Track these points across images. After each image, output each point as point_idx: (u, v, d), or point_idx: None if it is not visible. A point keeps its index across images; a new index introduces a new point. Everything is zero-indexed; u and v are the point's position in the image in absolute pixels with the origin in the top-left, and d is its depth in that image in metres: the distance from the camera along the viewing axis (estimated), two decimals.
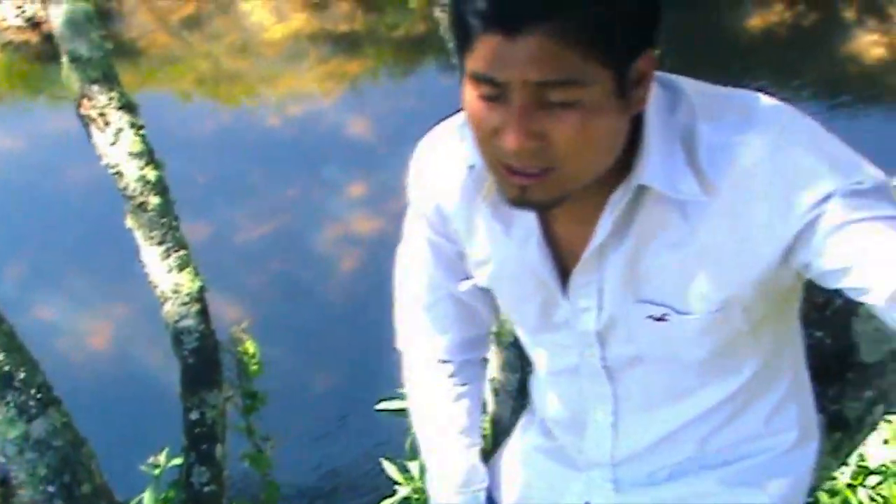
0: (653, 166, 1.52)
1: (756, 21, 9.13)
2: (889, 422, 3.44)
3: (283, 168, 7.77)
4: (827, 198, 1.45)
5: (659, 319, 1.65)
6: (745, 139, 1.50)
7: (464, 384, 2.06)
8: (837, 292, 1.49)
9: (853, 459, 3.39)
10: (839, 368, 2.17)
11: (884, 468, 3.41)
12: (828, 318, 2.14)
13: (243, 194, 7.65)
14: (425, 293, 1.96)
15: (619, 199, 1.56)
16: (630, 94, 1.44)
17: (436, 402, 2.07)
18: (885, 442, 3.45)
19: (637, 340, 1.72)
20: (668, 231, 1.58)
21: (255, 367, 3.74)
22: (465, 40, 1.41)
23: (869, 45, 8.78)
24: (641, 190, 1.55)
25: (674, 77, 1.57)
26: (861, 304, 1.45)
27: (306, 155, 7.82)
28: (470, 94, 1.44)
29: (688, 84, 1.57)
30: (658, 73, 1.52)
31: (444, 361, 2.03)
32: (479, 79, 1.42)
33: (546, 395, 1.99)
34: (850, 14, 9.08)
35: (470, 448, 2.08)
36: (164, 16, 9.65)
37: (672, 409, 1.82)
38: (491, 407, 2.55)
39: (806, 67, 8.75)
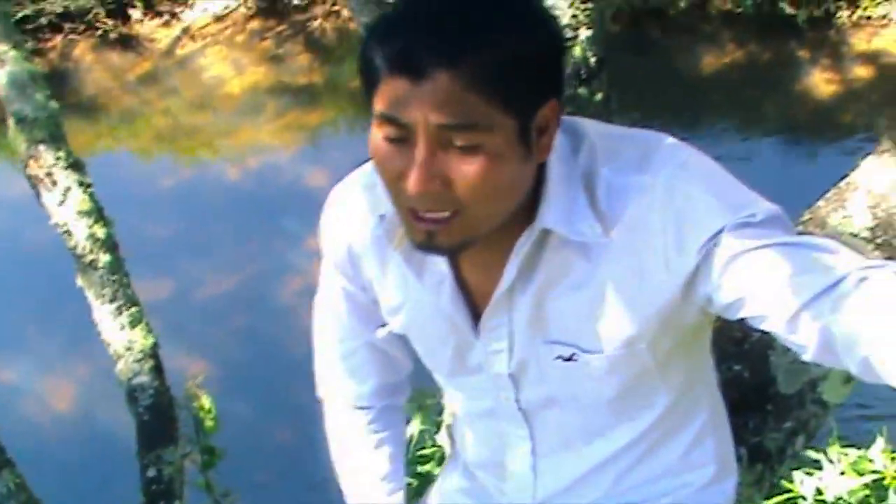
0: (555, 211, 1.54)
1: (709, 62, 9.21)
2: (845, 454, 3.45)
3: (243, 221, 7.77)
4: (719, 232, 1.48)
5: (568, 359, 1.67)
6: (642, 180, 1.53)
7: (384, 430, 2.06)
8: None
9: (811, 492, 3.40)
10: (758, 401, 2.20)
11: (841, 500, 3.42)
12: (745, 352, 2.17)
13: (204, 249, 7.63)
14: (342, 342, 1.97)
15: (523, 244, 1.58)
16: (534, 141, 1.46)
17: (357, 451, 2.08)
18: (842, 473, 3.46)
19: (548, 381, 1.73)
20: (572, 272, 1.60)
21: (210, 423, 3.72)
22: (371, 82, 1.43)
23: (822, 82, 8.87)
24: (545, 234, 1.57)
25: (575, 120, 1.59)
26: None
27: (266, 207, 7.83)
28: (376, 136, 1.46)
29: (590, 126, 1.60)
30: (562, 118, 1.54)
31: (364, 408, 2.04)
32: (384, 120, 1.43)
33: (466, 438, 2.00)
34: (802, 52, 9.18)
35: (392, 494, 2.08)
36: (122, 73, 9.66)
37: (589, 447, 1.84)
38: None
39: (761, 106, 8.83)
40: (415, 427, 3.80)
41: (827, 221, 2.43)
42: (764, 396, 2.23)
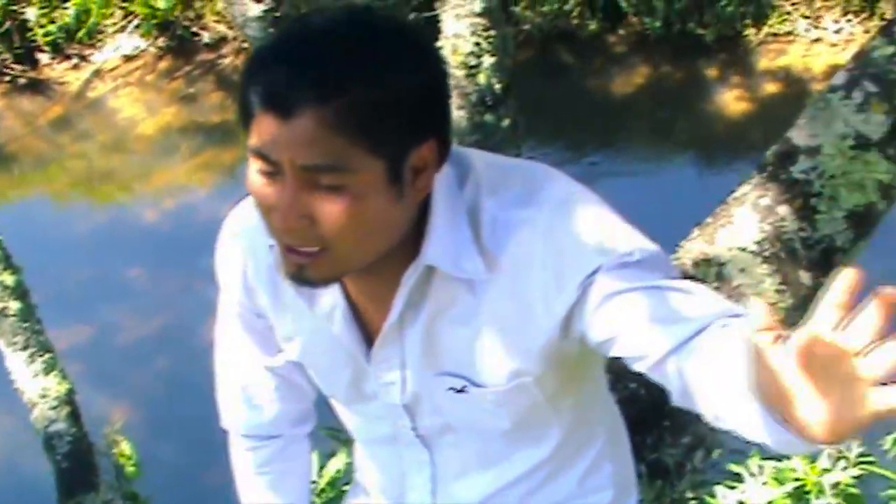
0: (438, 247, 1.56)
1: (621, 84, 9.29)
2: (766, 466, 3.49)
3: (162, 262, 7.70)
4: (596, 271, 1.50)
5: (459, 391, 1.69)
6: (524, 215, 1.55)
7: (289, 460, 2.08)
8: None
9: None
10: (655, 418, 2.24)
11: None
12: None
13: (123, 292, 7.55)
14: (243, 371, 1.98)
15: (409, 277, 1.59)
16: (407, 182, 1.47)
17: (260, 482, 2.08)
18: (765, 484, 3.50)
19: (442, 412, 1.75)
20: (458, 307, 1.62)
21: (132, 469, 3.70)
22: (246, 116, 1.45)
23: (732, 99, 8.97)
24: (432, 268, 1.58)
25: (464, 151, 1.61)
26: None
27: (185, 247, 7.74)
28: (251, 169, 1.48)
29: (477, 158, 1.61)
30: (452, 148, 1.56)
31: (268, 438, 2.04)
32: (255, 155, 1.44)
33: (367, 463, 2.01)
34: (712, 71, 9.28)
35: None
36: (33, 119, 9.56)
37: (487, 474, 1.86)
38: None
39: (675, 125, 8.91)
40: (340, 462, 3.79)
41: (715, 237, 2.48)
42: (661, 413, 2.26)
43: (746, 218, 2.50)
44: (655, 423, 2.31)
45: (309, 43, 1.43)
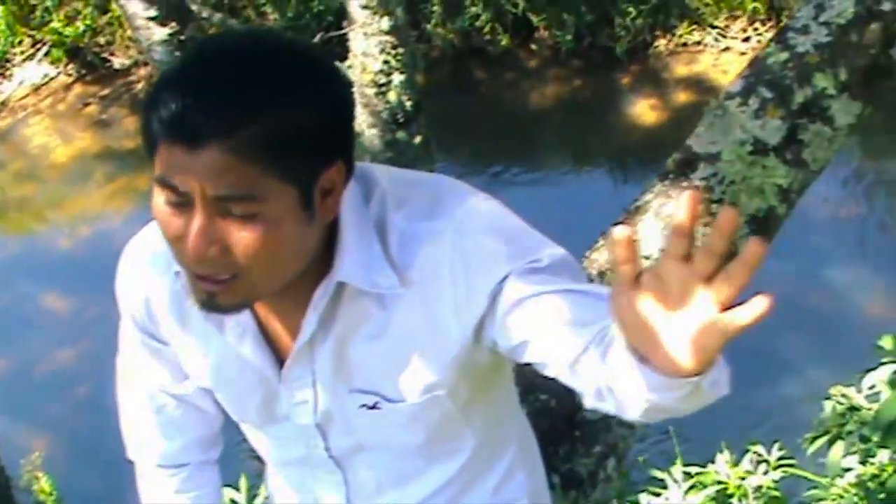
0: (349, 263, 1.56)
1: (536, 98, 9.35)
2: (688, 475, 3.51)
3: (79, 290, 7.62)
4: (505, 278, 1.51)
5: (372, 408, 1.69)
6: (430, 227, 1.56)
7: (198, 489, 2.05)
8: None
9: None
10: (567, 428, 2.26)
11: None
12: (551, 381, 2.22)
13: (41, 321, 7.48)
14: (148, 399, 1.95)
15: (320, 297, 1.59)
16: (317, 205, 1.47)
17: None
18: (691, 488, 3.52)
19: (355, 430, 1.75)
20: (369, 322, 1.62)
21: None
22: (150, 144, 1.43)
23: (646, 109, 9.07)
24: (342, 284, 1.58)
25: (368, 166, 1.61)
26: None
27: (101, 275, 7.66)
28: (157, 199, 1.46)
29: (381, 173, 1.62)
30: (355, 164, 1.56)
31: (178, 466, 2.02)
32: (162, 185, 1.43)
33: (281, 486, 2.00)
34: (625, 82, 9.37)
35: None
36: None
37: (403, 491, 1.86)
38: None
39: (591, 138, 8.98)
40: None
41: None
42: (572, 424, 2.28)
43: (649, 226, 2.53)
44: (567, 434, 2.33)
45: (214, 70, 1.42)
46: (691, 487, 3.42)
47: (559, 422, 2.24)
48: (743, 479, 3.33)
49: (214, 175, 1.38)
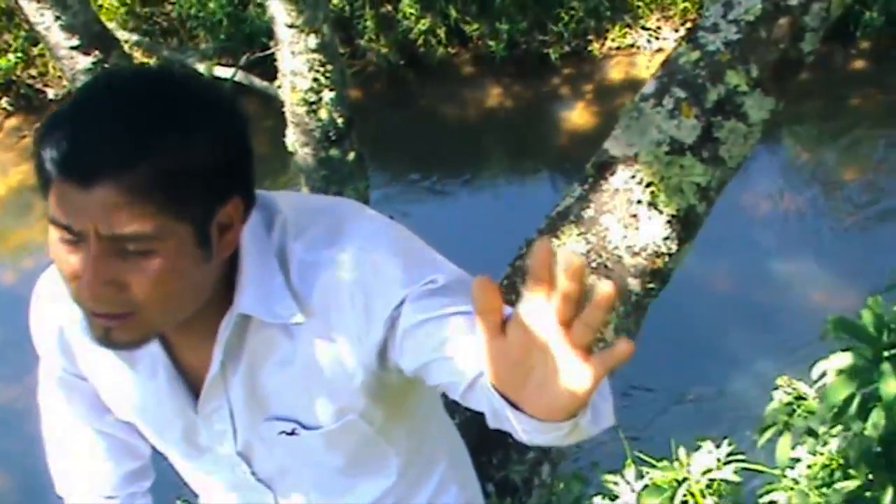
0: (250, 295, 1.55)
1: (473, 108, 9.38)
2: (641, 474, 3.52)
3: (25, 323, 7.56)
4: (402, 302, 1.51)
5: (291, 434, 1.68)
6: (329, 255, 1.56)
7: None
8: None
9: None
10: (499, 436, 2.25)
11: None
12: None
13: None
14: (73, 434, 1.94)
15: (225, 328, 1.58)
16: (214, 241, 1.46)
17: None
18: (645, 487, 3.53)
19: (277, 456, 1.74)
20: (277, 352, 1.62)
21: None
22: (44, 181, 1.41)
23: (585, 114, 9.12)
24: (246, 316, 1.58)
25: (269, 195, 1.61)
26: None
27: None
28: (52, 236, 1.44)
29: (283, 200, 1.61)
30: (256, 192, 1.56)
31: (108, 498, 2.01)
32: (55, 224, 1.42)
33: None
34: (562, 88, 9.42)
35: None
36: None
37: None
38: None
39: (531, 144, 9.00)
40: None
41: None
42: (503, 431, 2.28)
43: (571, 231, 2.54)
44: (500, 442, 2.33)
45: (107, 107, 1.40)
46: (645, 487, 3.43)
47: (490, 431, 2.24)
48: (704, 474, 3.33)
49: (107, 214, 1.37)
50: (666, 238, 2.56)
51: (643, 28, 9.47)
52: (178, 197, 1.40)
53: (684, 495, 3.35)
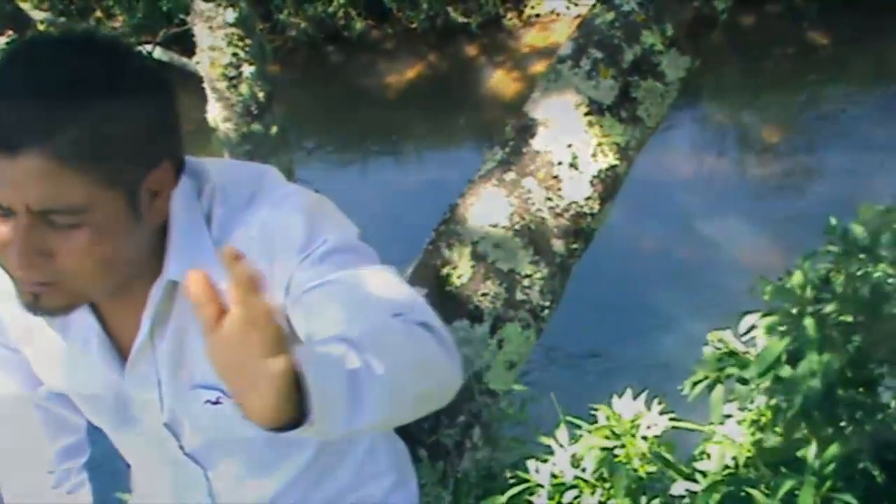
0: (179, 261, 1.55)
1: (395, 80, 9.38)
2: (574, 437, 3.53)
3: None
4: (298, 263, 1.51)
5: (215, 403, 1.68)
6: (244, 217, 1.56)
7: (69, 493, 2.03)
8: None
9: (547, 479, 3.47)
10: None
11: (578, 479, 3.50)
12: None
13: None
14: (5, 409, 1.92)
15: (155, 296, 1.58)
16: (145, 206, 1.46)
17: None
18: (574, 456, 3.55)
19: (203, 426, 1.74)
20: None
21: None
22: None
23: (506, 82, 9.15)
24: (175, 283, 1.58)
25: (200, 162, 1.60)
26: None
27: None
28: None
29: (213, 167, 1.61)
30: (187, 159, 1.55)
31: (48, 473, 2.00)
32: None
33: (144, 487, 1.99)
34: (482, 58, 9.44)
35: None
36: None
37: (263, 481, 1.86)
38: None
39: (454, 115, 9.03)
40: None
41: (466, 216, 2.53)
42: None
43: (494, 194, 2.56)
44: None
45: (29, 75, 1.38)
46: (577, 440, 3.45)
47: None
48: (630, 432, 3.35)
49: (35, 183, 1.35)
50: (588, 198, 2.57)
51: None
52: (107, 164, 1.39)
53: (614, 456, 3.38)
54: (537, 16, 9.51)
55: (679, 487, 2.85)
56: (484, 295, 2.49)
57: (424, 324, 1.38)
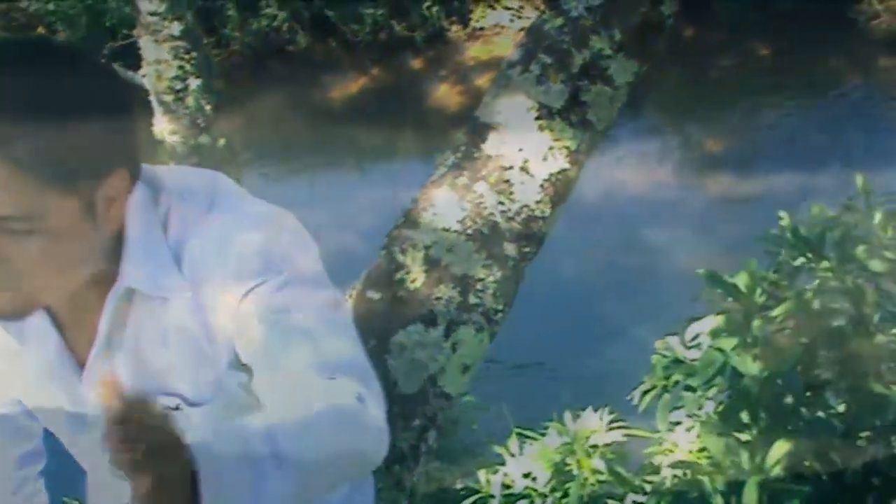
0: (134, 269, 1.54)
1: (339, 93, 9.38)
2: (529, 440, 3.54)
3: None
4: (248, 293, 1.51)
5: (176, 409, 1.68)
6: (201, 226, 1.55)
7: (25, 500, 2.01)
8: None
9: (498, 489, 3.47)
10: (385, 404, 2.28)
11: (528, 488, 3.51)
12: None
13: None
14: None
15: (111, 302, 1.57)
16: (101, 213, 1.45)
17: None
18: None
19: None
20: (160, 324, 1.60)
21: None
22: None
23: (451, 95, 9.17)
24: (132, 290, 1.57)
25: (156, 169, 1.59)
26: (392, 338, 1.52)
27: None
28: None
29: (167, 174, 1.60)
30: (143, 167, 1.55)
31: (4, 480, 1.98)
32: None
33: (100, 495, 1.98)
34: (427, 71, 9.46)
35: None
36: None
37: None
38: None
39: (399, 128, 9.04)
40: None
41: (419, 221, 2.54)
42: (388, 399, 2.29)
43: (446, 199, 2.57)
44: (386, 412, 2.35)
45: None
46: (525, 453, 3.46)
47: None
48: (584, 441, 3.36)
49: None
50: (539, 202, 2.59)
51: (505, 8, 9.55)
52: (63, 172, 1.38)
53: (566, 465, 3.38)
54: (481, 29, 9.55)
55: (628, 501, 2.88)
56: (438, 299, 2.50)
57: (358, 395, 1.42)
